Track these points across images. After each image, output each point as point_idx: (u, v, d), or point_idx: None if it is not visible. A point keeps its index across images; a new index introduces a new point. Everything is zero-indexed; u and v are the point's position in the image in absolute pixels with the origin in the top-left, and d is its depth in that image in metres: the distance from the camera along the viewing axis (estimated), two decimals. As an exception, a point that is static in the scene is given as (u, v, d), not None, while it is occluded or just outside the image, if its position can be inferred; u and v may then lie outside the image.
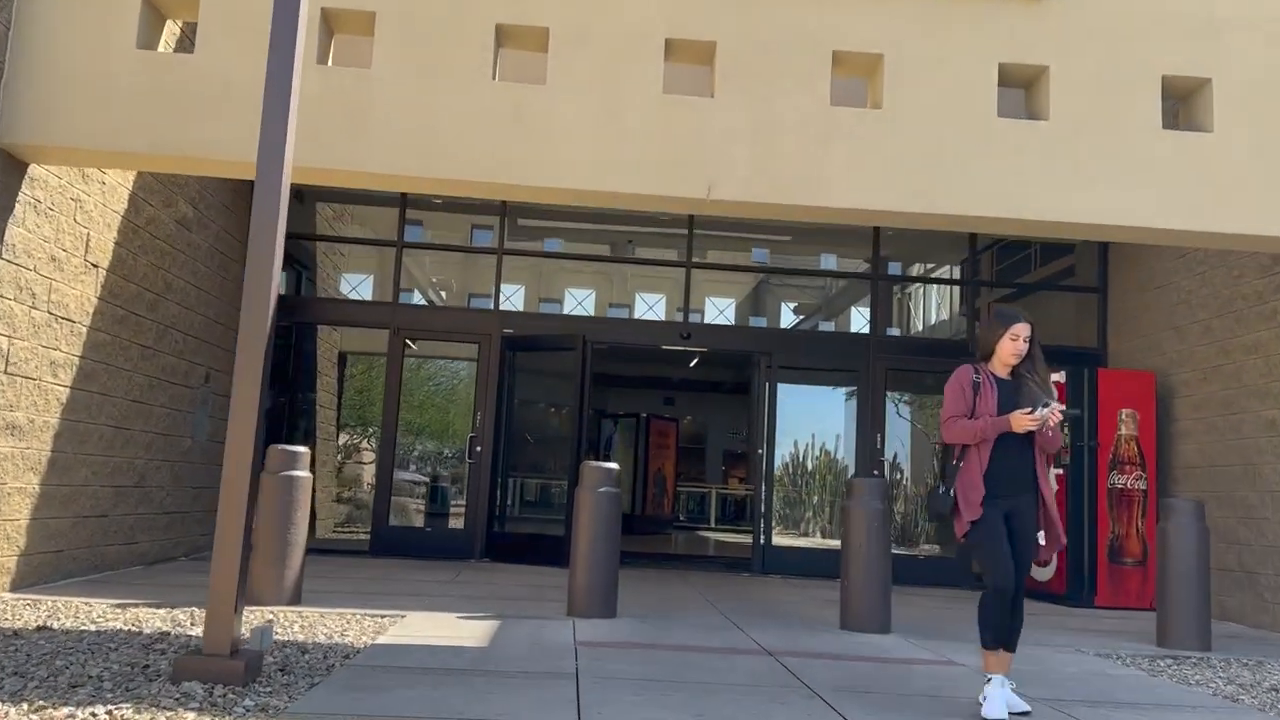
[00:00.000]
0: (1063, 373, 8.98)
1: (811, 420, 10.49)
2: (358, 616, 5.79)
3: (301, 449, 6.29)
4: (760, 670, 4.80)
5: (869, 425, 9.93)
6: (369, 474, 10.39)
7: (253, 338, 4.01)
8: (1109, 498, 8.71)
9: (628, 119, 5.79)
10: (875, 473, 9.85)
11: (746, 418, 32.13)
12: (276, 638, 4.96)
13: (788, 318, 11.17)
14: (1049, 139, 5.93)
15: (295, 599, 6.12)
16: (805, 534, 10.32)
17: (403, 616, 5.86)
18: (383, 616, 5.82)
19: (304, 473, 6.22)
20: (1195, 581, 6.29)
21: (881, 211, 5.94)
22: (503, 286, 10.13)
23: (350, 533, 10.52)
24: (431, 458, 10.11)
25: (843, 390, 10.34)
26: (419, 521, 9.94)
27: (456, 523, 9.89)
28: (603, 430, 19.05)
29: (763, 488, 9.94)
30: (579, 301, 10.76)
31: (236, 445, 3.95)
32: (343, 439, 11.47)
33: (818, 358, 10.12)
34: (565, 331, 9.88)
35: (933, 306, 12.55)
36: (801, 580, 9.41)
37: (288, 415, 12.03)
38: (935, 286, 11.91)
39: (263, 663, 4.13)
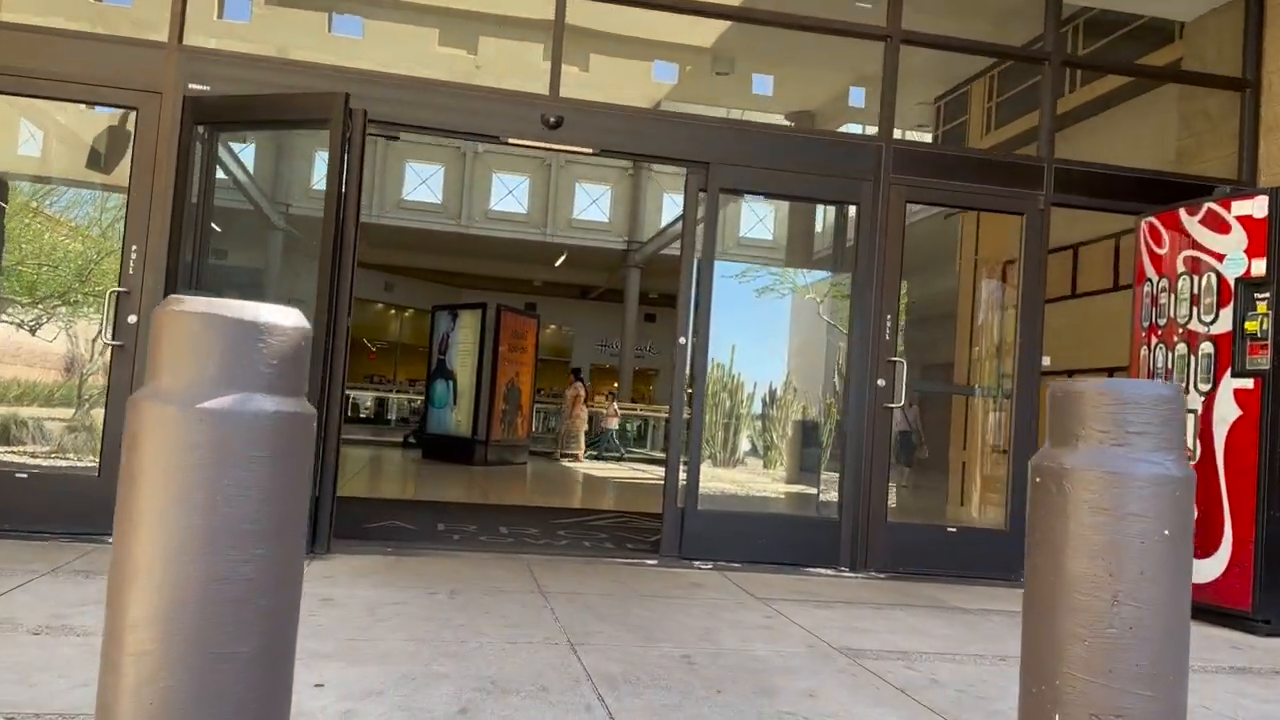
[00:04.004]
0: (1259, 199, 4.81)
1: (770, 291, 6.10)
2: None
3: None
4: None
5: (875, 298, 5.58)
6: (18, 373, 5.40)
7: None
8: (1331, 434, 4.69)
9: None
10: (881, 382, 5.56)
11: (620, 326, 27.83)
12: None
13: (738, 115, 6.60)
14: None
15: None
16: (756, 483, 6.01)
17: None
18: None
19: None
20: None
21: None
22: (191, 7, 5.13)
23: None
24: (41, 338, 5.16)
25: (825, 238, 5.97)
26: (15, 459, 5.05)
27: (89, 463, 5.03)
28: (438, 326, 14.25)
29: (684, 411, 5.49)
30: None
31: None
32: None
33: (789, 177, 5.64)
34: (312, 88, 5.00)
35: (962, 111, 8.33)
36: (750, 573, 5.11)
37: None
38: (983, 81, 7.68)
39: None
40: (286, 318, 1.74)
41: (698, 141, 5.50)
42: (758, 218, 25.43)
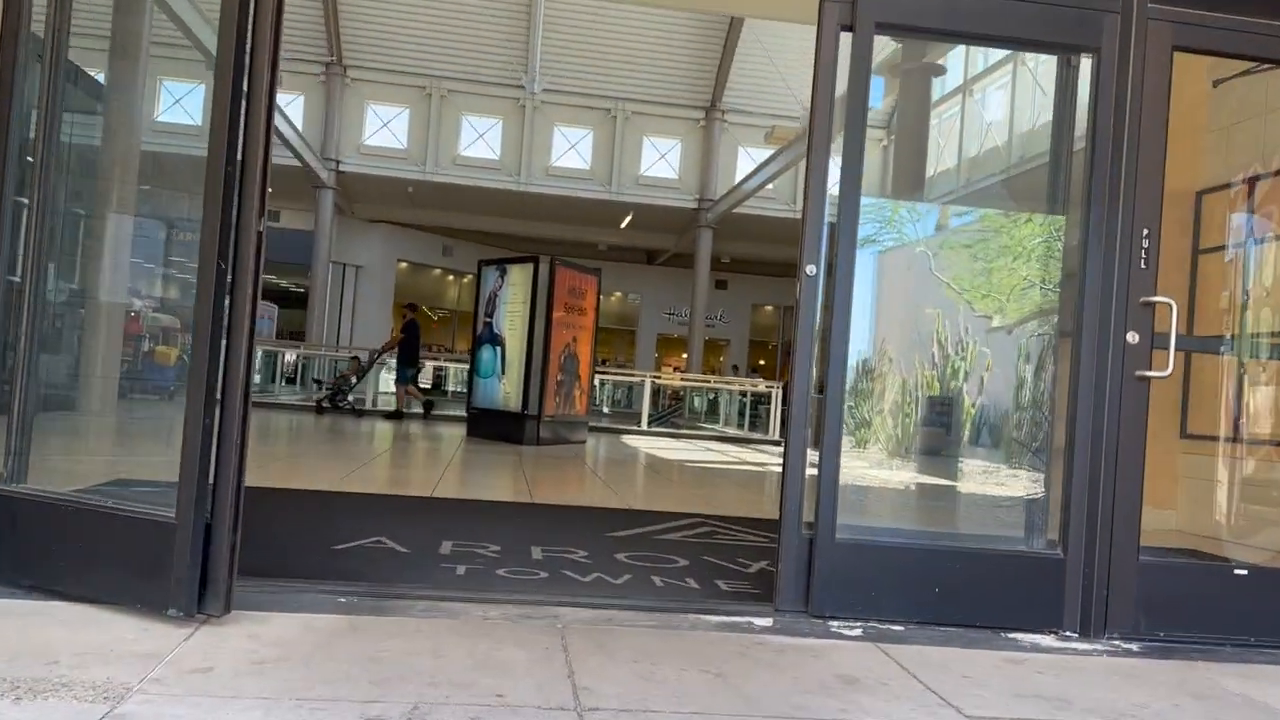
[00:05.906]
0: None
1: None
2: None
3: None
4: None
5: (1123, 205, 3.48)
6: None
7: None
8: None
9: None
10: (1133, 337, 3.46)
11: (690, 293, 25.76)
12: None
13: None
14: None
15: None
16: (916, 492, 4.00)
17: None
18: None
19: None
20: None
21: None
22: None
23: None
24: None
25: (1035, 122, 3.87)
26: None
27: None
28: (485, 284, 12.42)
29: (810, 378, 3.48)
30: None
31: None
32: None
33: (983, 8, 3.55)
34: None
35: None
36: (925, 645, 3.11)
37: None
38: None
39: None
40: None
41: (839, -51, 3.43)
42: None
